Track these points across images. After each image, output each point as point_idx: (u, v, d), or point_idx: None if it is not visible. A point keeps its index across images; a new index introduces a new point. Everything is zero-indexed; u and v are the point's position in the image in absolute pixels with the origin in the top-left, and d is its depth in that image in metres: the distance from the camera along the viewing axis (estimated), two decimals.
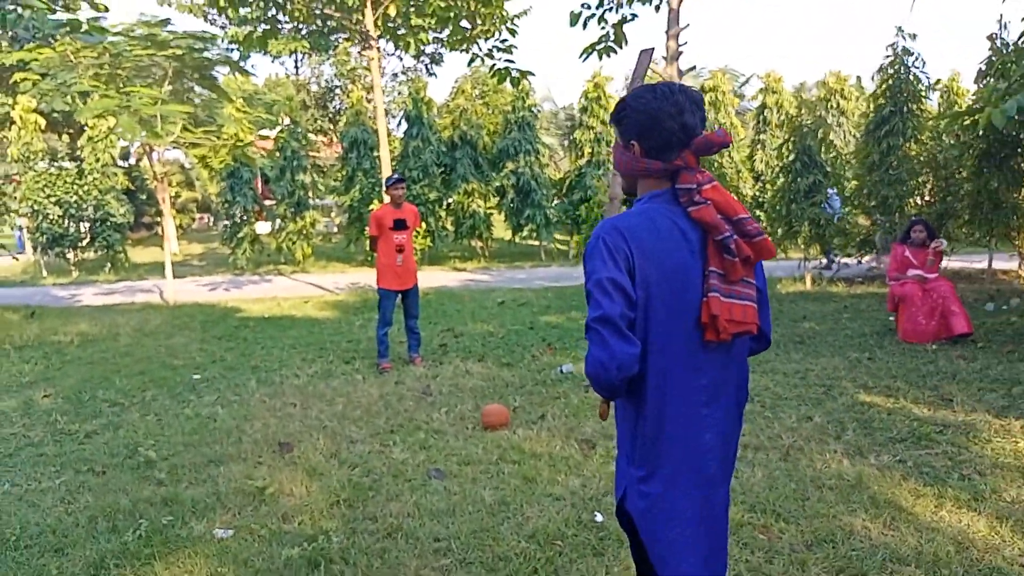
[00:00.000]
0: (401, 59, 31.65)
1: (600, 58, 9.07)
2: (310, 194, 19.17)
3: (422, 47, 18.12)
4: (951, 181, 12.26)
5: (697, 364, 1.85)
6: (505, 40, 12.90)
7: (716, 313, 1.81)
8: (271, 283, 16.18)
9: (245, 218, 18.76)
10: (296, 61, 31.64)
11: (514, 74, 12.07)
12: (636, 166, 1.93)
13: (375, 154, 19.33)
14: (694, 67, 10.57)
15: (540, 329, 9.10)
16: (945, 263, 13.66)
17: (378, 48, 14.80)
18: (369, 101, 20.33)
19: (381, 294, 7.17)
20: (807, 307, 10.18)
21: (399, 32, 15.76)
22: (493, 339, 8.54)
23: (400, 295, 7.23)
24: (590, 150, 19.26)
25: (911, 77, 11.80)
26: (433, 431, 5.27)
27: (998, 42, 11.25)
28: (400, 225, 7.07)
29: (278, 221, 18.95)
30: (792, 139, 12.18)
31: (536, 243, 20.55)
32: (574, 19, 8.85)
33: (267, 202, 22.15)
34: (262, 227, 21.13)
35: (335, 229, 27.54)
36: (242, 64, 14.12)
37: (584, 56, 9.06)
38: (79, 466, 4.79)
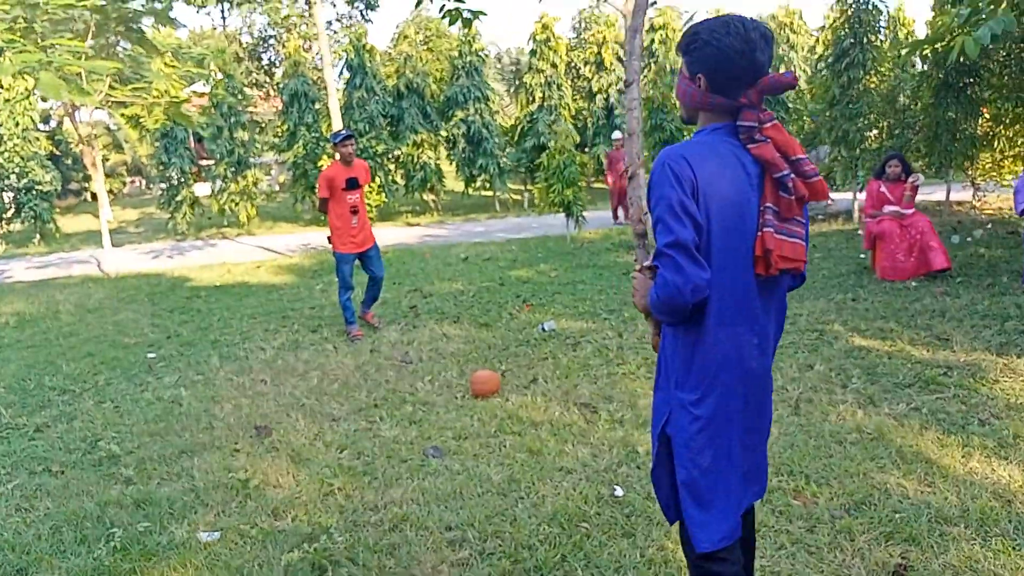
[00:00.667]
0: (335, 5, 30.29)
1: None
2: (251, 152, 18.22)
3: None
4: (907, 113, 12.22)
5: (748, 294, 1.89)
6: None
7: (770, 248, 1.84)
8: (216, 248, 15.43)
9: (183, 180, 17.79)
10: (223, 11, 29.95)
11: (465, 15, 11.52)
12: (700, 99, 1.93)
13: (316, 107, 18.50)
14: (655, 1, 10.16)
15: (511, 285, 8.78)
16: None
17: None
18: (307, 50, 19.34)
19: (338, 259, 6.72)
20: None
21: None
22: (464, 298, 8.19)
23: (358, 258, 6.78)
24: (541, 95, 18.77)
25: (870, 6, 11.59)
26: (420, 403, 4.94)
27: None
28: (353, 184, 6.58)
29: (218, 182, 18.03)
30: None
31: (490, 194, 20.10)
32: None
33: (203, 162, 21.09)
34: (201, 189, 20.14)
35: (276, 187, 26.49)
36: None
37: None
38: (33, 466, 4.33)
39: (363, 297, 7.23)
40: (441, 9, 12.21)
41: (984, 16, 7.94)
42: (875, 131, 12.14)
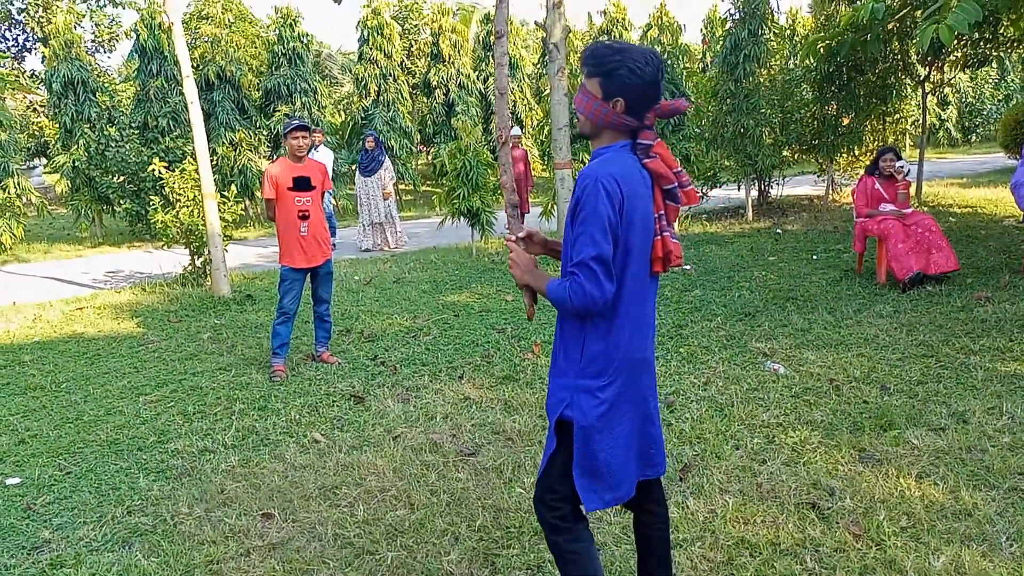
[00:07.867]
0: None
1: None
2: (10, 156, 14.29)
3: None
4: (792, 108, 12.19)
5: (645, 292, 2.20)
6: None
7: (670, 249, 2.18)
8: None
9: None
10: None
11: None
12: (614, 120, 2.12)
13: (97, 97, 15.04)
14: None
15: (470, 315, 7.05)
16: (781, 191, 13.84)
17: None
18: (77, 28, 15.65)
19: (283, 274, 5.66)
20: (713, 251, 9.31)
21: None
22: (431, 340, 6.34)
23: (308, 274, 5.73)
24: (376, 87, 16.80)
25: None
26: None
27: None
28: (303, 184, 5.56)
29: None
30: None
31: None
32: None
33: None
34: None
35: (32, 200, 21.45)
36: None
37: None
38: None
39: (316, 335, 5.97)
40: None
41: (939, 5, 7.70)
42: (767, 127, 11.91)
